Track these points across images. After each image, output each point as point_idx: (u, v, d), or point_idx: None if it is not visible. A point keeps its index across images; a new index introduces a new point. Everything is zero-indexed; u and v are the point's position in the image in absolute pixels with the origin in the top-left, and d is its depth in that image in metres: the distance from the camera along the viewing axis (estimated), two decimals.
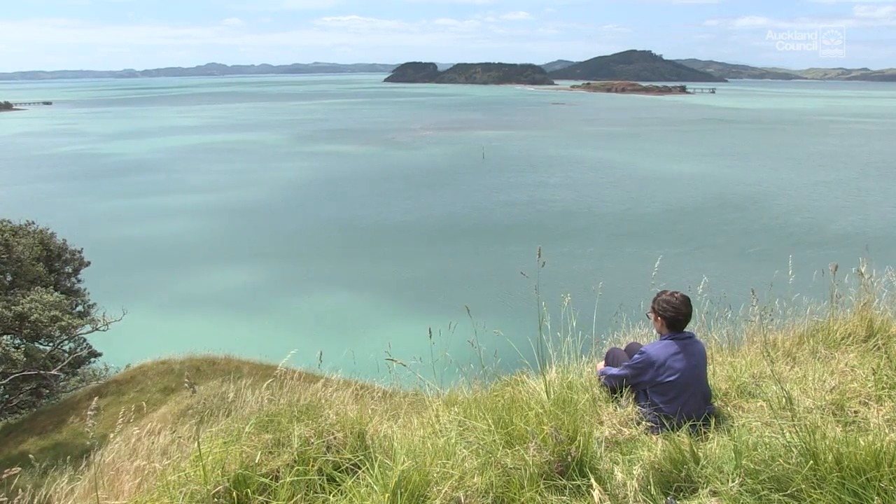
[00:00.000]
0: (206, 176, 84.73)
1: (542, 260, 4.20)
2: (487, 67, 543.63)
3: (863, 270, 5.55)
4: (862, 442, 2.85)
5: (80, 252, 21.13)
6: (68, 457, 7.34)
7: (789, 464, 2.92)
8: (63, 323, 16.81)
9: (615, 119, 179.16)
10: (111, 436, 4.11)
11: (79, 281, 21.06)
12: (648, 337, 5.41)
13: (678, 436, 3.48)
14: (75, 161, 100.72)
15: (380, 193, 71.30)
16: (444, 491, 2.86)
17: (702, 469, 3.24)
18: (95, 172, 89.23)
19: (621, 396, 4.27)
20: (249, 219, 60.88)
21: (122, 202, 68.75)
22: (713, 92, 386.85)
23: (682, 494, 3.13)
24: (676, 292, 4.28)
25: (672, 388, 4.00)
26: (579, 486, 3.02)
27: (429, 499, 2.84)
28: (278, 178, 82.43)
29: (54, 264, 20.12)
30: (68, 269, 20.73)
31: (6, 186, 77.64)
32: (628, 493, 3.08)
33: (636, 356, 4.24)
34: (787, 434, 3.08)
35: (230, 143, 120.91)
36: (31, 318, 16.21)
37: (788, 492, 2.84)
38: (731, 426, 3.87)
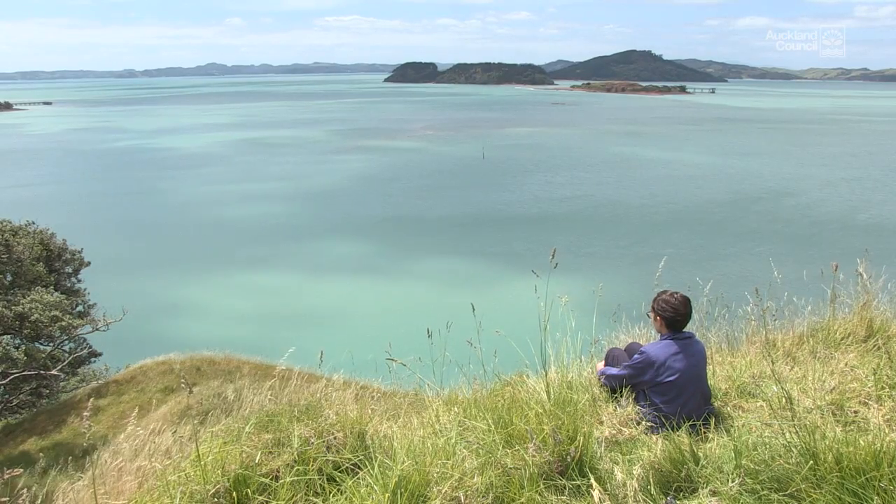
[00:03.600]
0: (274, 167, 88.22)
1: (556, 261, 4.18)
2: (487, 67, 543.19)
3: (862, 270, 5.53)
4: (862, 442, 2.85)
5: (80, 252, 21.12)
6: (69, 457, 7.34)
7: (789, 464, 2.92)
8: (63, 323, 16.81)
9: (622, 118, 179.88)
10: (111, 436, 4.12)
11: (79, 281, 21.04)
12: (648, 337, 5.40)
13: (678, 436, 3.48)
14: (137, 155, 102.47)
15: (425, 188, 74.54)
16: (444, 491, 2.85)
17: (702, 469, 3.23)
18: (166, 164, 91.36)
19: (621, 396, 4.27)
20: (333, 202, 65.64)
21: (209, 188, 72.09)
22: (713, 92, 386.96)
23: (682, 494, 3.13)
24: (676, 292, 4.27)
25: (672, 388, 4.00)
26: (579, 486, 3.01)
27: (429, 499, 2.84)
28: (346, 168, 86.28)
29: (54, 264, 20.11)
30: (68, 270, 20.72)
31: (94, 181, 79.68)
32: (628, 493, 3.08)
33: (636, 356, 4.23)
34: (787, 434, 3.08)
35: (275, 138, 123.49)
36: (32, 318, 16.21)
37: (788, 492, 2.84)
38: (731, 426, 3.87)
